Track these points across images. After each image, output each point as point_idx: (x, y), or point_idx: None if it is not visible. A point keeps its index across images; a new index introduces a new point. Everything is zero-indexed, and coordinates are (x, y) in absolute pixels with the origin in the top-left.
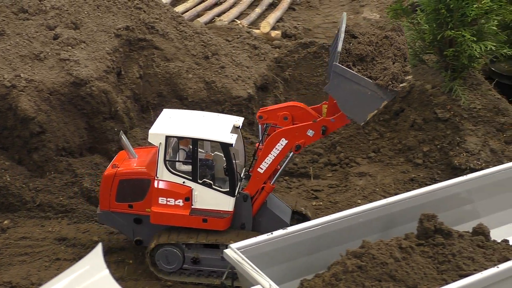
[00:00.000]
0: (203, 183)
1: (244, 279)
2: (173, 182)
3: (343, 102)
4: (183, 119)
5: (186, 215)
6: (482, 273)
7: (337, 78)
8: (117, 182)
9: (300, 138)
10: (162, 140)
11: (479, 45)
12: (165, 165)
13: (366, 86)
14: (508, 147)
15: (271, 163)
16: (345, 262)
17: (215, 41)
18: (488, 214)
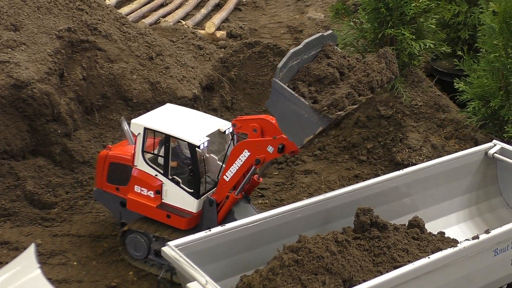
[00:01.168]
0: (172, 179)
1: (182, 276)
2: (148, 173)
3: (281, 121)
4: (173, 115)
5: (153, 207)
6: (413, 264)
7: (276, 95)
8: (108, 164)
9: (261, 152)
10: (141, 131)
11: (419, 43)
12: (142, 155)
13: (302, 108)
14: (448, 143)
15: (235, 173)
16: (282, 257)
17: (159, 42)
18: (425, 207)
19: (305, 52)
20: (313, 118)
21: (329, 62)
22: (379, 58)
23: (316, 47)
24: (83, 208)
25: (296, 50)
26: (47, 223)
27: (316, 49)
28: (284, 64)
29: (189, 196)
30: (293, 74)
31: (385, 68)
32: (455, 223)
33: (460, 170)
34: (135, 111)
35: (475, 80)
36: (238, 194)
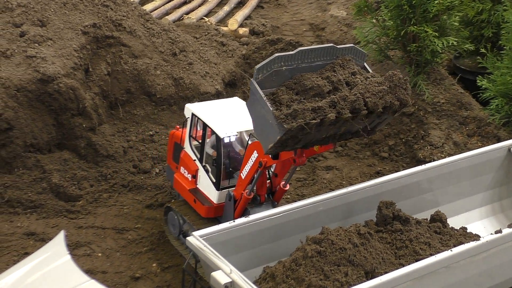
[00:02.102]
0: (204, 167)
1: (206, 265)
2: (190, 157)
3: (253, 123)
4: (227, 107)
5: (186, 190)
6: (436, 256)
7: (252, 96)
8: (173, 143)
9: (264, 156)
10: (189, 115)
11: (442, 41)
12: (189, 139)
13: (267, 113)
14: (471, 140)
15: (248, 171)
16: (305, 248)
17: (183, 38)
18: (447, 202)
19: (303, 60)
20: (275, 125)
21: (328, 75)
22: (384, 80)
23: (326, 58)
24: (107, 201)
25: (282, 56)
26: (72, 215)
27: (325, 60)
28: (264, 66)
29: (213, 186)
30: (284, 80)
31: (386, 92)
32: (477, 219)
33: (482, 166)
34: (158, 107)
35: (498, 77)
36: (250, 194)
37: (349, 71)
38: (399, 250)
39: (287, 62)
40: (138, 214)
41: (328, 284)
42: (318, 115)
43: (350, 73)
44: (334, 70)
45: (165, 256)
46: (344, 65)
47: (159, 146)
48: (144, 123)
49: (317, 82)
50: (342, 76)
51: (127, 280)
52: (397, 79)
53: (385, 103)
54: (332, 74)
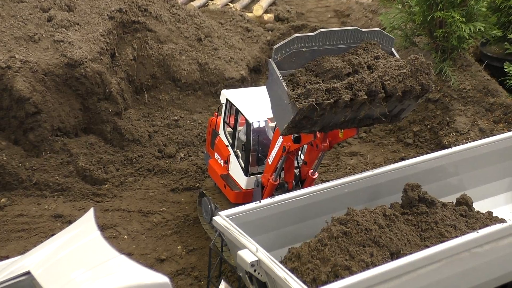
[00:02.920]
0: (234, 152)
1: (233, 244)
2: (223, 142)
3: (271, 104)
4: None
5: (218, 175)
6: (462, 238)
7: (270, 77)
8: (211, 130)
9: (288, 141)
10: (224, 101)
11: (469, 26)
12: (223, 125)
13: (283, 93)
14: (497, 127)
15: (275, 157)
16: (330, 229)
17: (208, 24)
18: (473, 187)
19: (324, 43)
20: (289, 106)
21: (349, 58)
22: (405, 64)
23: (349, 42)
24: (133, 184)
25: (301, 36)
26: (99, 198)
27: (348, 44)
28: (282, 46)
29: (241, 172)
30: (304, 62)
31: (406, 75)
32: (503, 203)
33: (508, 150)
34: (183, 92)
35: None
36: (275, 180)
37: (372, 55)
38: (425, 232)
39: (307, 43)
40: (163, 197)
41: (353, 264)
42: (332, 95)
43: (373, 57)
44: (357, 53)
45: (189, 239)
46: (368, 49)
47: (184, 131)
48: (169, 108)
49: (336, 64)
50: (364, 59)
51: (153, 262)
52: (419, 63)
53: (405, 87)
54: (354, 57)
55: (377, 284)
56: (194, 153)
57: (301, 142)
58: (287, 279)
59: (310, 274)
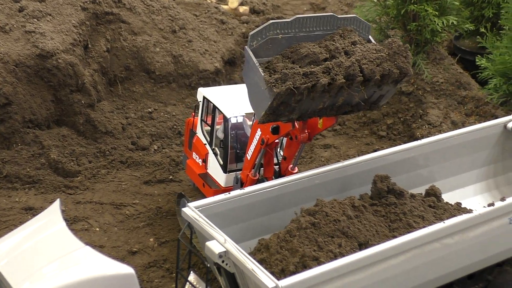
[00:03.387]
0: (213, 150)
1: (201, 235)
2: (201, 141)
3: (248, 92)
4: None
5: (197, 174)
6: (428, 228)
7: (247, 64)
8: (189, 130)
9: (266, 133)
10: (201, 99)
11: (441, 20)
12: (200, 123)
13: (259, 79)
14: (468, 119)
15: (253, 151)
16: (299, 220)
17: (182, 16)
18: (443, 178)
19: (300, 29)
20: (266, 91)
21: (326, 44)
22: (383, 47)
23: (325, 28)
24: (106, 177)
25: (277, 22)
26: (71, 190)
27: (324, 30)
28: (258, 33)
29: (221, 169)
30: (281, 49)
31: (384, 59)
32: (472, 195)
33: (478, 142)
34: (157, 84)
35: (497, 57)
36: (255, 175)
37: (349, 40)
38: (393, 223)
39: (283, 30)
40: (136, 190)
41: (321, 255)
42: (310, 79)
43: (350, 42)
44: (334, 39)
45: (162, 231)
46: (345, 35)
47: (157, 123)
48: (143, 100)
49: (313, 49)
50: (341, 45)
51: (124, 254)
52: (396, 46)
53: (383, 70)
54: (330, 43)
55: (345, 274)
56: (168, 145)
57: (280, 132)
58: (255, 269)
59: (279, 265)
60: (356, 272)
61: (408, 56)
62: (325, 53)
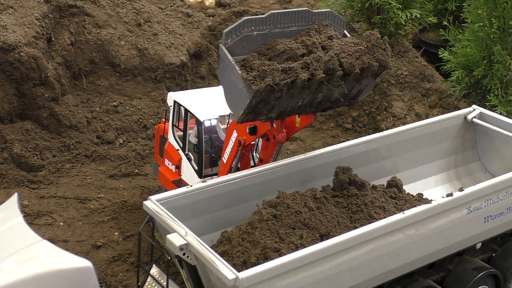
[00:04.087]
0: (186, 155)
1: (163, 229)
2: (173, 147)
3: (225, 92)
4: (209, 94)
5: (170, 181)
6: (388, 219)
7: (222, 63)
8: (159, 137)
9: (243, 134)
10: (171, 103)
11: (405, 13)
12: (172, 129)
13: (236, 77)
14: (432, 111)
15: (230, 154)
16: (261, 212)
17: (147, 9)
18: (405, 169)
19: (275, 25)
20: (244, 90)
21: (302, 39)
22: (361, 40)
23: (301, 24)
24: (70, 171)
25: (252, 19)
26: (34, 185)
27: (299, 26)
28: (232, 30)
29: (195, 175)
30: (256, 46)
31: (363, 52)
32: (433, 185)
33: (439, 134)
34: (122, 77)
35: (459, 50)
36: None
37: (325, 35)
38: (354, 214)
39: (258, 26)
40: (101, 184)
41: (283, 246)
42: (289, 75)
43: (326, 37)
44: (310, 34)
45: (127, 225)
46: (321, 30)
47: (123, 117)
48: (108, 94)
49: (290, 45)
50: (318, 40)
51: (89, 249)
52: (375, 39)
53: (363, 64)
54: (307, 38)
55: (305, 265)
56: (133, 139)
57: (258, 133)
58: (215, 261)
59: (240, 257)
60: (316, 263)
61: (387, 48)
62: (302, 48)
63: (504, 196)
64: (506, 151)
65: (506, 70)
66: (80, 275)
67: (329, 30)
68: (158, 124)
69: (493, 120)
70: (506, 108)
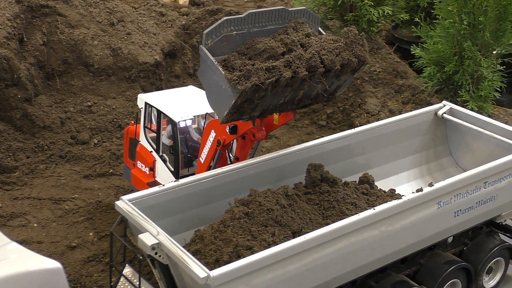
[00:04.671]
0: (161, 157)
1: (135, 228)
2: (146, 149)
3: (207, 93)
4: (181, 95)
5: (145, 184)
6: (359, 215)
7: (203, 64)
8: (128, 139)
9: (222, 133)
10: (142, 105)
11: (377, 10)
12: (144, 130)
13: (219, 77)
14: (405, 107)
15: (207, 154)
16: (233, 210)
17: (121, 8)
18: (377, 165)
19: (254, 25)
20: (228, 90)
21: (281, 38)
22: (339, 37)
23: (278, 22)
24: (44, 172)
25: (231, 19)
26: (8, 186)
27: (277, 24)
28: (212, 31)
29: (171, 176)
30: (235, 46)
31: (342, 48)
32: (405, 181)
33: (411, 129)
34: (96, 77)
35: (431, 46)
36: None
37: (302, 33)
38: (326, 211)
39: (237, 26)
40: (75, 184)
41: (255, 244)
42: (273, 74)
43: (304, 34)
44: (287, 33)
45: (102, 225)
46: (298, 28)
47: (97, 117)
48: (82, 94)
49: (270, 44)
50: (296, 38)
51: (63, 250)
52: (353, 35)
53: (343, 60)
54: (285, 36)
55: (277, 263)
56: (108, 139)
57: (238, 132)
58: (186, 260)
59: (213, 255)
60: (289, 260)
61: (365, 44)
62: (282, 46)
63: (473, 190)
64: (476, 146)
65: (476, 66)
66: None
67: (305, 27)
68: (127, 127)
69: (463, 116)
70: (477, 103)
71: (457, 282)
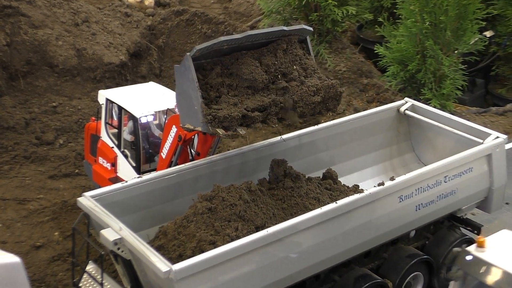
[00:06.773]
0: (122, 152)
1: (98, 225)
2: (108, 145)
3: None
4: (142, 91)
5: (106, 179)
6: (321, 209)
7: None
8: (89, 136)
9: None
10: (103, 101)
11: (341, 10)
12: (105, 126)
13: (195, 99)
14: (370, 106)
15: (169, 149)
16: (196, 205)
17: (85, 9)
18: (341, 162)
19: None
20: (200, 118)
21: (267, 63)
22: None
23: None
24: (9, 172)
25: (228, 39)
26: None
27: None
28: (205, 48)
29: (133, 171)
30: (222, 54)
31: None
32: (369, 177)
33: (374, 126)
34: (61, 78)
35: (394, 45)
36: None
37: (290, 58)
38: (290, 206)
39: (230, 43)
40: (40, 184)
41: (218, 238)
42: (246, 121)
43: (290, 60)
44: (276, 54)
45: (67, 225)
46: (288, 49)
47: (62, 117)
48: (47, 95)
49: (255, 74)
50: (283, 64)
51: (28, 249)
52: (333, 92)
53: (314, 111)
54: (272, 61)
55: (239, 256)
56: (73, 139)
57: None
58: (148, 254)
59: (176, 250)
60: (251, 253)
61: (340, 100)
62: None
63: (434, 184)
64: (438, 141)
65: (439, 65)
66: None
67: (295, 48)
68: (88, 123)
69: (424, 112)
70: (439, 101)
71: (419, 275)
